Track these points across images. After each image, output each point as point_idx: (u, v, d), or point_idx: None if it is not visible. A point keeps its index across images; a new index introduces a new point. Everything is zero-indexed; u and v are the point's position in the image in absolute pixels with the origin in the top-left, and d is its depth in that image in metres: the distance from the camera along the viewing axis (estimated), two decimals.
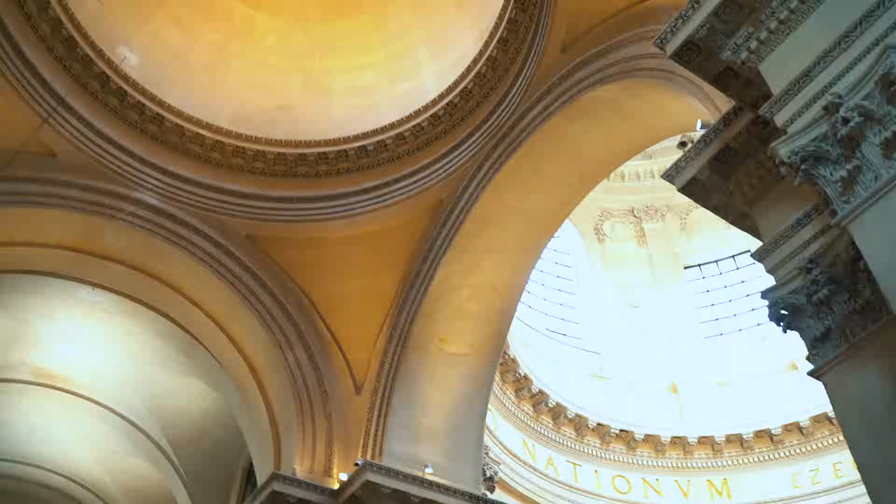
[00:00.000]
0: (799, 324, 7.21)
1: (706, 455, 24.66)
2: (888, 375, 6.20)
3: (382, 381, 13.71)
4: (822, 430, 24.17)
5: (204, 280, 14.67)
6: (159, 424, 19.34)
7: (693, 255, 31.02)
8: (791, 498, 23.72)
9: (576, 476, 23.20)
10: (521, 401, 22.71)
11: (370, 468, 12.20)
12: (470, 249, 13.85)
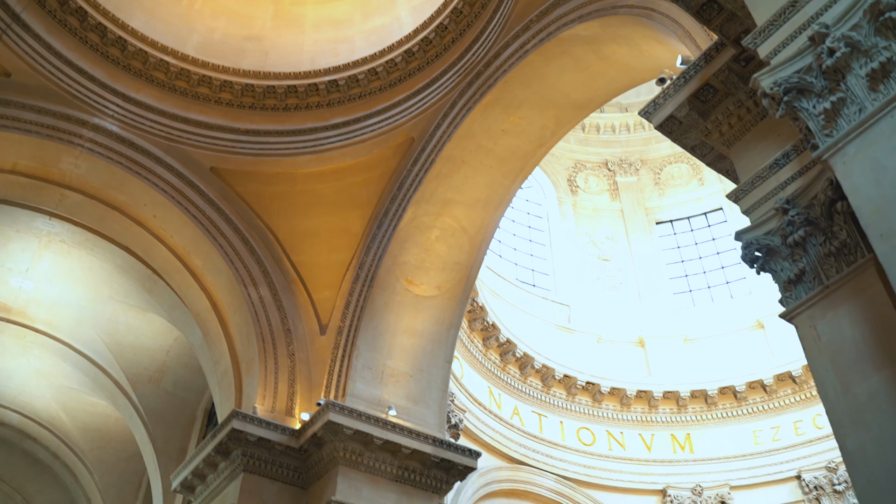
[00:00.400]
0: (772, 266, 7.03)
1: (670, 409, 24.85)
2: (860, 318, 6.05)
3: (347, 321, 13.45)
4: (785, 388, 24.43)
5: (166, 212, 14.23)
6: (119, 362, 18.98)
7: (665, 210, 31.01)
8: (752, 454, 24.04)
9: (541, 427, 23.28)
10: (489, 349, 22.64)
11: (332, 408, 11.98)
12: (441, 190, 13.53)
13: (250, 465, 12.28)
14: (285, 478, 12.43)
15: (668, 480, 23.59)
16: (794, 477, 23.38)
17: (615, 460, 23.67)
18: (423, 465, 12.38)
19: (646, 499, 23.40)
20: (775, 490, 23.48)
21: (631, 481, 23.42)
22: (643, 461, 23.89)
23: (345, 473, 11.88)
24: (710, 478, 23.60)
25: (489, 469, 20.79)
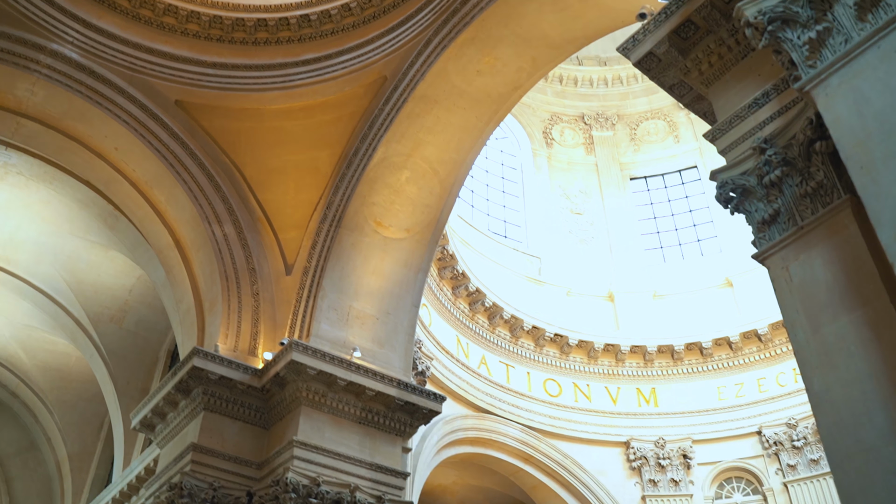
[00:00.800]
0: (746, 207, 6.87)
1: (637, 364, 25.01)
2: (833, 259, 5.92)
3: (314, 261, 13.17)
4: (751, 346, 24.66)
5: (128, 145, 13.75)
6: (80, 300, 18.61)
7: (640, 166, 30.92)
8: (715, 409, 24.32)
9: (508, 377, 23.32)
10: (458, 298, 22.52)
11: (296, 348, 11.76)
12: (412, 130, 13.19)
13: (211, 404, 12.08)
14: (247, 417, 12.25)
15: (631, 433, 23.82)
16: (755, 432, 23.72)
17: (581, 412, 23.83)
18: (387, 407, 12.26)
19: (609, 450, 23.63)
20: (736, 445, 23.83)
21: (595, 433, 23.61)
22: (608, 413, 24.08)
23: (307, 414, 11.72)
24: (673, 431, 23.88)
25: (455, 417, 20.81)
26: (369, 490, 11.49)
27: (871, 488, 5.14)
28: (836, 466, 5.34)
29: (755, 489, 23.40)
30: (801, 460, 22.65)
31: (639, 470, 23.37)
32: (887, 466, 5.16)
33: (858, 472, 5.25)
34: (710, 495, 23.42)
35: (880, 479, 5.16)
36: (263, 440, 12.24)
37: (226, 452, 11.83)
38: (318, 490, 11.00)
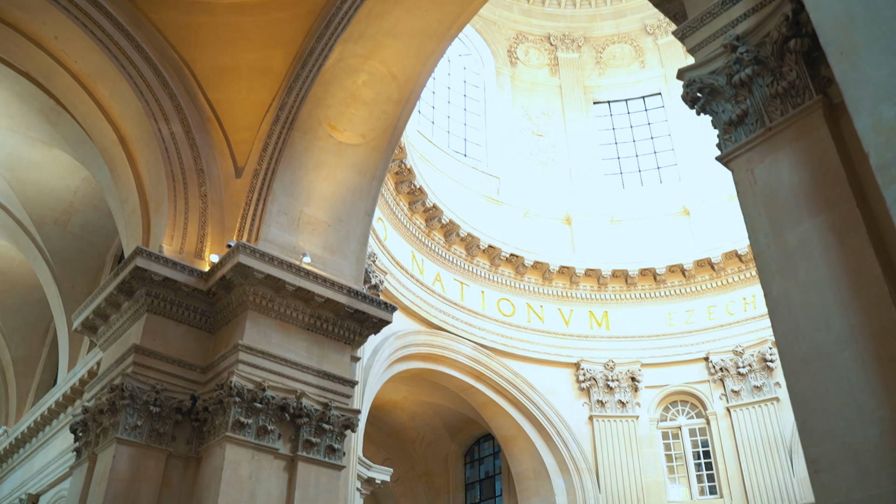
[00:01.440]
0: (714, 108, 6.59)
1: (591, 287, 25.11)
2: (800, 162, 5.69)
3: (265, 164, 12.67)
4: (704, 274, 24.88)
5: (69, 34, 12.92)
6: (21, 200, 17.89)
7: (604, 91, 30.57)
8: (665, 335, 24.64)
9: (462, 295, 23.26)
10: (415, 214, 22.21)
11: (243, 250, 11.38)
12: (371, 31, 12.59)
13: (155, 306, 11.71)
14: (192, 321, 11.92)
15: (582, 354, 24.06)
16: (702, 358, 24.15)
17: (533, 332, 23.96)
18: (336, 315, 12.01)
19: (560, 370, 23.87)
20: (683, 369, 24.25)
21: (547, 353, 23.80)
22: (560, 335, 24.25)
23: (254, 319, 11.43)
24: (622, 354, 24.19)
25: (407, 332, 20.74)
26: (316, 397, 11.32)
27: (824, 394, 5.01)
28: (790, 372, 5.19)
29: (699, 413, 23.93)
30: (744, 386, 23.13)
31: (587, 391, 23.69)
32: (841, 373, 5.01)
33: (812, 377, 5.11)
34: (655, 417, 23.90)
35: (833, 385, 5.03)
36: (209, 344, 11.95)
37: (169, 355, 11.53)
38: (263, 395, 10.80)
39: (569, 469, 22.64)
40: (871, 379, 4.88)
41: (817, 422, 5.01)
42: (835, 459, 4.86)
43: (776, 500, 21.45)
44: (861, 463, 4.77)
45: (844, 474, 4.80)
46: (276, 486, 10.67)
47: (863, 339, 4.93)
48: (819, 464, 4.92)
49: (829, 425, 4.94)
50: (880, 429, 4.76)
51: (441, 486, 26.96)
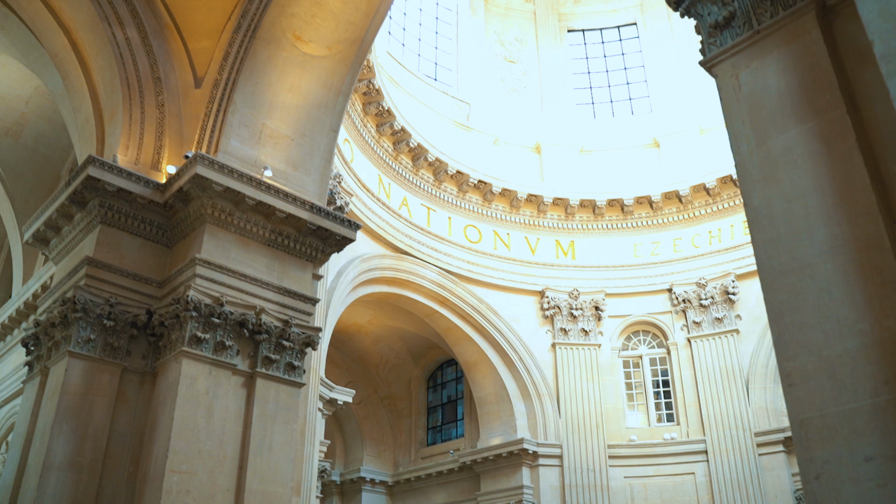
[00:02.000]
0: (699, 9, 6.24)
1: (558, 216, 24.98)
2: (789, 67, 5.41)
3: (225, 73, 12.09)
4: (671, 206, 24.85)
5: None
6: None
7: (579, 19, 29.96)
8: (630, 265, 24.69)
9: (429, 220, 22.99)
10: (382, 136, 21.72)
11: (201, 161, 10.91)
12: None
13: (109, 218, 11.24)
14: (148, 234, 11.49)
15: (547, 283, 24.04)
16: (665, 290, 24.28)
17: (499, 259, 23.85)
18: (298, 231, 11.65)
19: (524, 298, 23.86)
20: (646, 300, 24.39)
21: (512, 281, 23.74)
22: (526, 263, 24.18)
23: (212, 233, 11.03)
24: (587, 284, 24.21)
25: (373, 256, 20.48)
26: (276, 313, 11.05)
27: (802, 307, 4.82)
28: (768, 284, 5.00)
29: (660, 343, 24.17)
30: (706, 318, 23.33)
31: (551, 319, 23.74)
32: (821, 285, 4.82)
33: (791, 289, 4.91)
34: (616, 346, 24.09)
35: (813, 297, 4.84)
36: (166, 259, 11.56)
37: (124, 269, 11.13)
38: (221, 310, 10.50)
39: (530, 394, 22.84)
40: (853, 291, 4.70)
41: (794, 334, 4.83)
42: (810, 373, 4.70)
43: (731, 428, 21.88)
44: (838, 376, 4.61)
45: (819, 388, 4.64)
46: (234, 401, 10.47)
47: (846, 251, 4.73)
48: (794, 377, 4.76)
49: (806, 338, 4.76)
50: (859, 342, 4.59)
51: (403, 410, 27.14)
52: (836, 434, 4.55)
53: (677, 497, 21.88)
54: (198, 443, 9.94)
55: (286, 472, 10.60)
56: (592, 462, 22.09)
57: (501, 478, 22.55)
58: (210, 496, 9.79)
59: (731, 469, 21.46)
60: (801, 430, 4.66)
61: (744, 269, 23.40)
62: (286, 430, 10.72)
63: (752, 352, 22.65)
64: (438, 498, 24.93)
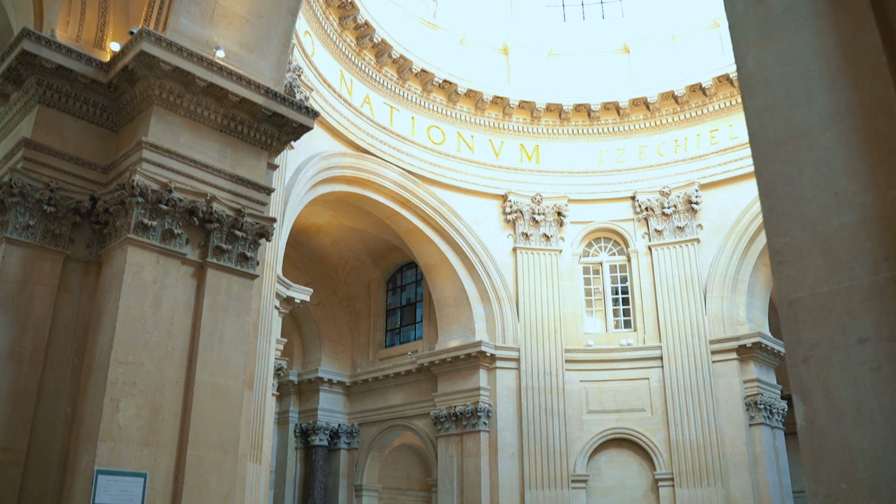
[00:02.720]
0: None
1: (524, 119, 24.43)
2: None
3: None
4: (639, 113, 24.46)
5: None
6: None
7: None
8: (594, 171, 24.39)
9: (391, 119, 22.30)
10: (345, 31, 20.77)
11: (147, 38, 10.11)
12: None
13: (48, 98, 10.46)
14: (91, 116, 10.74)
15: (510, 187, 23.69)
16: (628, 197, 24.10)
17: (462, 162, 23.36)
18: (252, 117, 10.99)
19: (486, 202, 23.52)
20: (609, 207, 24.21)
21: (475, 183, 23.33)
22: (489, 166, 23.74)
23: (160, 115, 10.33)
24: (550, 189, 23.90)
25: (333, 154, 19.84)
26: (228, 202, 10.48)
27: (797, 178, 4.41)
28: (761, 154, 4.56)
29: (621, 250, 24.11)
30: (668, 226, 23.26)
31: (513, 223, 23.48)
32: (820, 154, 4.40)
33: (786, 160, 4.49)
34: (577, 252, 23.98)
35: (810, 168, 4.41)
36: (111, 143, 10.86)
37: (65, 152, 10.43)
38: (169, 196, 9.91)
39: (489, 298, 22.73)
40: (854, 161, 4.29)
41: (786, 208, 4.43)
42: (803, 249, 4.31)
43: (687, 336, 22.09)
44: (834, 253, 4.24)
45: (813, 265, 4.27)
46: (183, 292, 10.00)
47: (849, 117, 4.30)
48: (784, 254, 4.38)
49: (800, 212, 4.37)
50: (859, 215, 4.20)
51: (362, 312, 26.95)
52: (828, 314, 4.20)
53: (631, 401, 22.19)
54: (144, 333, 9.51)
55: (238, 365, 10.25)
56: (549, 366, 22.22)
57: (459, 380, 22.62)
58: (158, 388, 9.43)
59: (685, 375, 21.75)
60: (790, 310, 4.30)
61: (708, 178, 23.26)
62: (238, 322, 10.32)
63: (711, 261, 22.70)
64: (395, 399, 25.03)
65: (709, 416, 21.17)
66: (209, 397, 9.88)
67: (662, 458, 21.39)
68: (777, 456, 21.88)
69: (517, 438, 21.65)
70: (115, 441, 8.97)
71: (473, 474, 21.45)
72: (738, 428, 21.09)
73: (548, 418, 21.65)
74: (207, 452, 9.71)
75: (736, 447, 20.94)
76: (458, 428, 22.16)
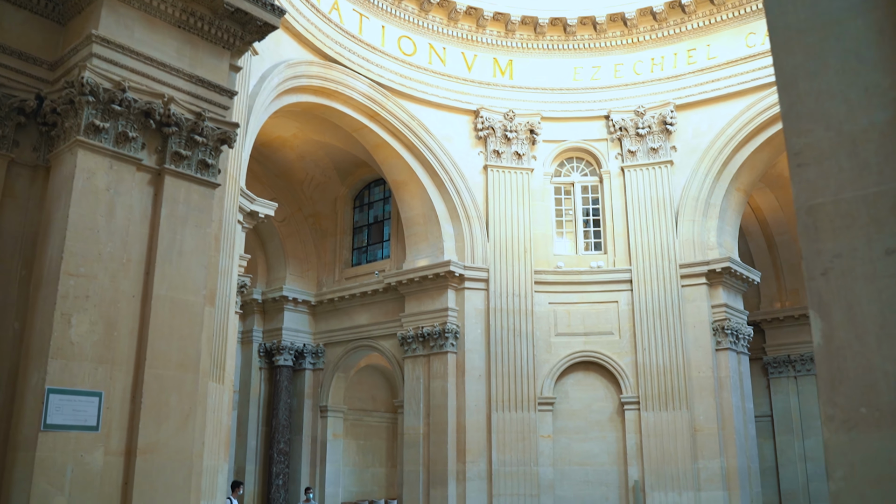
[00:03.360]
0: None
1: (498, 32, 23.59)
2: None
3: None
4: (615, 30, 23.76)
5: None
6: None
7: None
8: (568, 89, 23.78)
9: (361, 27, 21.36)
10: None
11: None
12: None
13: None
14: (35, 7, 9.86)
15: (482, 102, 23.02)
16: (603, 116, 23.60)
17: (433, 75, 22.58)
18: (213, 13, 10.21)
19: (458, 117, 22.87)
20: (583, 126, 23.71)
21: (446, 98, 22.62)
22: (461, 80, 23.00)
23: (112, 7, 9.51)
24: (523, 106, 23.29)
25: (299, 62, 18.96)
26: (187, 104, 9.79)
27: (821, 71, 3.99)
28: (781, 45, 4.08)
29: (593, 171, 23.73)
30: (641, 147, 22.87)
31: (484, 140, 22.92)
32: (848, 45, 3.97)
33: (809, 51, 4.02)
34: (549, 172, 23.56)
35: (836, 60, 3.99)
36: (58, 37, 10.03)
37: (7, 45, 9.59)
38: (122, 96, 9.20)
39: (459, 217, 22.32)
40: (888, 53, 3.83)
41: (809, 105, 3.96)
42: (826, 150, 3.87)
43: (657, 258, 21.95)
44: (861, 155, 3.80)
45: (837, 168, 3.83)
46: (139, 200, 9.39)
47: (884, 3, 3.81)
48: (804, 156, 3.93)
49: (824, 109, 3.91)
50: (891, 113, 3.76)
51: (328, 229, 26.42)
52: (852, 223, 3.77)
53: (599, 324, 22.13)
54: (98, 244, 8.93)
55: (198, 279, 9.75)
56: (518, 287, 22.00)
57: (426, 300, 22.36)
58: (112, 302, 8.91)
59: (653, 299, 21.68)
60: (809, 218, 3.86)
61: (684, 99, 22.79)
62: (198, 233, 9.77)
63: (684, 184, 22.42)
64: (361, 318, 24.76)
65: (676, 341, 21.22)
66: (168, 313, 9.40)
67: (629, 382, 21.48)
68: (741, 381, 22.10)
69: (485, 360, 21.55)
70: (68, 358, 8.49)
71: (440, 396, 21.39)
72: (705, 353, 21.18)
73: (516, 340, 21.55)
74: (167, 371, 9.29)
75: (702, 371, 21.07)
76: (426, 349, 22.00)
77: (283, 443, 24.93)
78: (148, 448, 8.95)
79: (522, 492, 20.79)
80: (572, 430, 21.63)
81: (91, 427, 8.55)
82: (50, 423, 8.24)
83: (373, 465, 27.47)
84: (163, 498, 9.04)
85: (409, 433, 21.89)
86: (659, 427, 20.86)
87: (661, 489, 20.56)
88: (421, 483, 21.30)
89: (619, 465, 21.26)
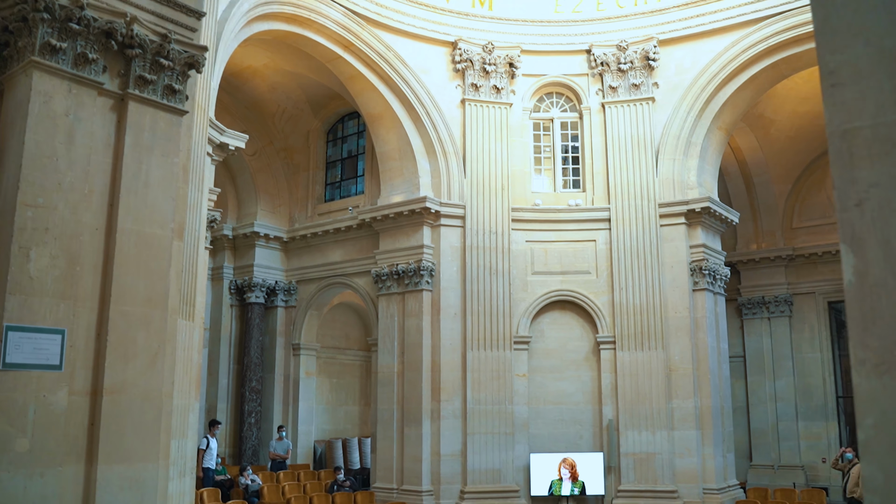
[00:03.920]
0: None
1: None
2: None
3: None
4: None
5: None
6: None
7: None
8: (549, 21, 23.16)
9: None
10: None
11: None
12: None
13: None
14: None
15: (460, 34, 22.33)
16: (584, 51, 23.03)
17: (409, 4, 21.79)
18: None
19: (435, 49, 22.18)
20: (563, 60, 23.14)
21: (423, 28, 21.88)
22: (439, 10, 22.24)
23: None
24: (503, 38, 22.63)
25: None
26: (152, 25, 9.16)
27: None
28: None
29: (573, 107, 23.27)
30: (623, 83, 22.40)
31: (462, 73, 22.30)
32: None
33: None
34: (528, 107, 23.05)
35: None
36: None
37: None
38: (81, 14, 8.54)
39: (436, 152, 21.82)
40: None
41: (845, 19, 3.57)
42: (864, 69, 3.49)
43: (636, 197, 21.69)
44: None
45: (876, 89, 3.45)
46: (102, 127, 8.82)
47: None
48: (839, 75, 3.54)
49: (863, 23, 3.53)
50: None
51: (301, 164, 25.80)
52: (892, 149, 3.40)
53: (577, 263, 21.93)
54: (57, 173, 8.38)
55: (166, 212, 9.26)
56: (495, 224, 21.67)
57: (401, 237, 21.98)
58: (74, 235, 8.41)
59: (632, 238, 21.48)
60: (844, 143, 3.48)
61: (667, 34, 22.24)
62: (165, 163, 9.24)
63: (665, 122, 22.03)
64: (335, 255, 24.37)
65: (653, 280, 21.10)
66: (134, 246, 8.93)
67: (605, 321, 21.40)
68: (717, 321, 22.12)
69: (460, 298, 21.32)
70: (27, 294, 8.02)
71: (415, 334, 21.18)
72: (682, 293, 21.10)
73: (492, 278, 21.30)
74: (133, 307, 8.86)
75: (678, 311, 21.02)
76: (400, 287, 21.70)
77: (256, 381, 24.71)
78: (115, 388, 8.57)
79: (497, 430, 20.80)
80: (548, 370, 21.58)
81: (54, 366, 8.14)
82: (10, 361, 7.80)
83: (346, 404, 27.42)
84: (131, 438, 8.71)
85: (384, 371, 21.72)
86: (634, 367, 20.87)
87: (634, 428, 20.67)
88: (395, 421, 21.23)
89: (594, 404, 21.31)
